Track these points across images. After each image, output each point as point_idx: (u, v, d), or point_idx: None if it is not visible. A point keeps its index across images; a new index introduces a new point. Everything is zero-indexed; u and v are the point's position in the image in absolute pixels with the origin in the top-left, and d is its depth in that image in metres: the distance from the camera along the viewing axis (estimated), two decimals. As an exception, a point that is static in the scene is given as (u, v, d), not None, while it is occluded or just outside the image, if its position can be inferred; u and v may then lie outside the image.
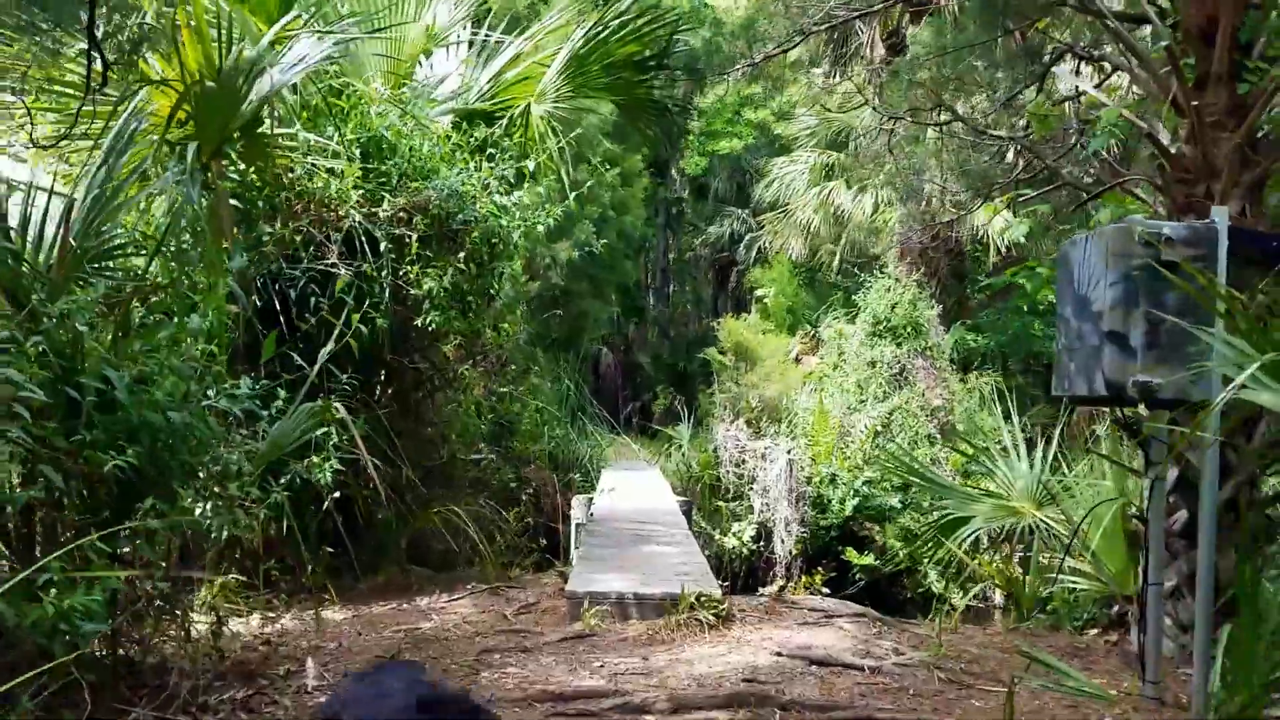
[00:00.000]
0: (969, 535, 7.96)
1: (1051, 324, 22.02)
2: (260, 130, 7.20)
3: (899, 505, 14.46)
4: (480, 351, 8.50)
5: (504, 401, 9.82)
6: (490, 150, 8.48)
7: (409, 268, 7.45)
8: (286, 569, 7.17)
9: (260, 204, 7.22)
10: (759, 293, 22.57)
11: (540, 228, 8.31)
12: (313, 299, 7.06)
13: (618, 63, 8.69)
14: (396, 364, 7.69)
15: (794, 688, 5.15)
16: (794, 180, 23.00)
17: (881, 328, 16.48)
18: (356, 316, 6.60)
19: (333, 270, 7.12)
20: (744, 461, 15.02)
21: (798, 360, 19.53)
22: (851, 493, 14.39)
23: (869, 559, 14.10)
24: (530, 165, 8.41)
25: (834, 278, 23.21)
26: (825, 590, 14.66)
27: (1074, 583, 7.61)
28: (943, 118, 8.77)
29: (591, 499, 11.76)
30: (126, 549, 4.36)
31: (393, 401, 7.97)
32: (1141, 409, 5.10)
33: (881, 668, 5.54)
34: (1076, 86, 9.14)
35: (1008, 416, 16.86)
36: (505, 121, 9.01)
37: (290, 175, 7.35)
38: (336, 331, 6.46)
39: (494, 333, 8.45)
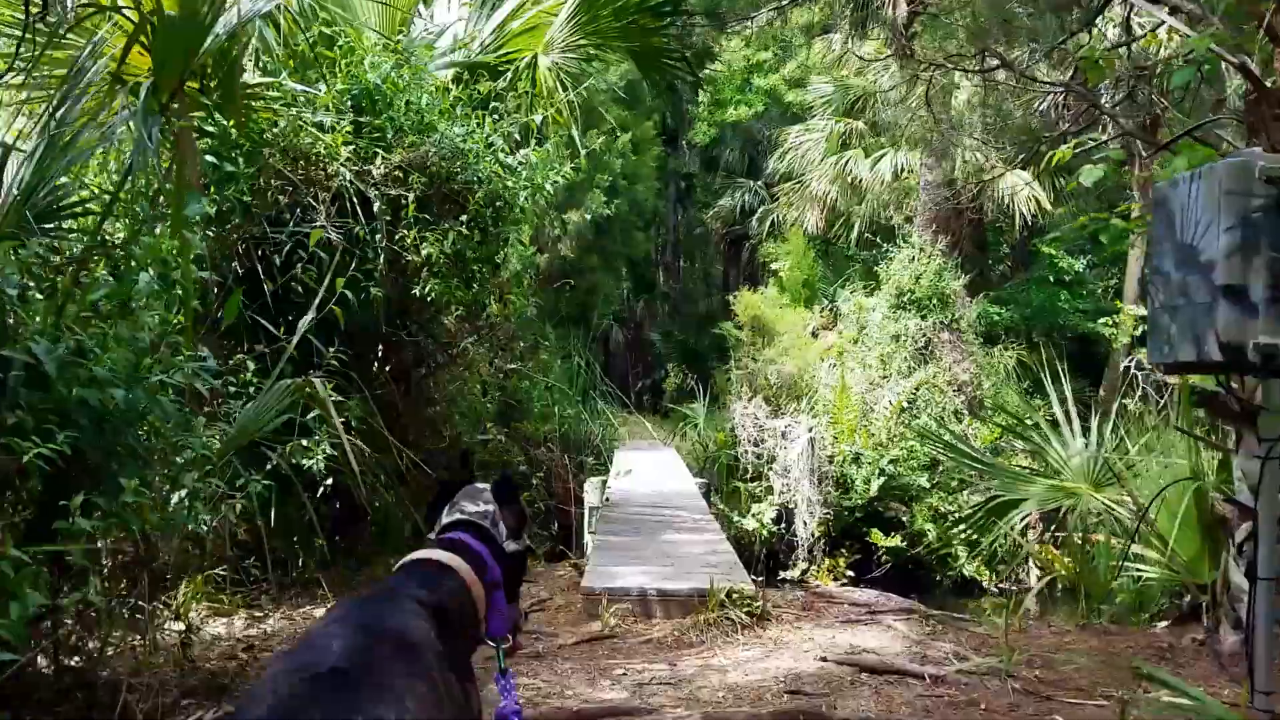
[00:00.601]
0: (1021, 519, 7.24)
1: (1078, 294, 21.31)
2: (240, 80, 6.50)
3: (927, 485, 13.75)
4: (485, 325, 7.79)
5: (512, 379, 9.11)
6: (495, 105, 7.76)
7: (405, 232, 6.75)
8: (277, 562, 6.52)
9: (241, 161, 6.50)
10: (774, 266, 21.80)
11: (549, 187, 7.58)
12: (299, 266, 6.36)
13: (630, 6, 7.94)
14: (395, 338, 6.99)
15: (847, 701, 4.47)
16: (809, 150, 22.20)
17: (905, 300, 15.72)
18: (342, 282, 5.88)
19: (321, 234, 6.41)
20: (763, 440, 14.32)
21: (815, 335, 18.80)
22: (877, 472, 13.69)
23: (896, 541, 13.42)
24: (537, 120, 7.67)
25: (851, 250, 22.46)
26: (850, 574, 14.05)
27: (1140, 571, 6.91)
28: (988, 64, 8.00)
29: (606, 481, 11.09)
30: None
31: (392, 379, 7.29)
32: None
33: (944, 676, 4.85)
34: (1129, 29, 8.40)
35: (1031, 392, 16.13)
36: (510, 75, 8.27)
37: (274, 130, 6.64)
38: (319, 298, 5.75)
39: (500, 305, 7.74)
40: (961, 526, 8.00)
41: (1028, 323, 20.84)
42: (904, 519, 13.73)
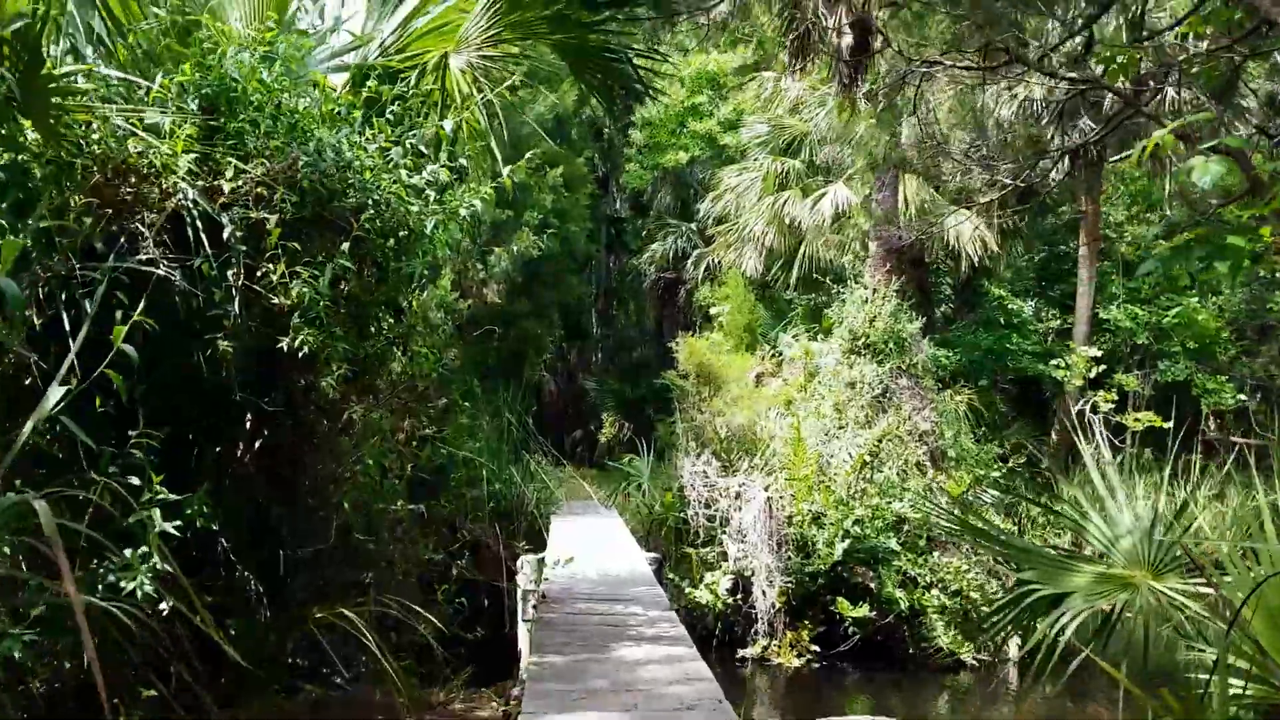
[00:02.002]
0: (1070, 622, 5.52)
1: (1027, 336, 20.02)
2: (45, 69, 4.66)
3: (895, 547, 12.10)
4: (386, 385, 5.95)
5: (425, 448, 7.26)
6: (395, 111, 5.99)
7: (269, 266, 4.91)
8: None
9: (39, 175, 4.64)
10: (713, 311, 20.20)
11: (464, 212, 5.81)
12: (120, 311, 4.48)
13: (563, -7, 6.26)
14: (256, 406, 5.13)
15: None
16: (746, 190, 20.75)
17: (860, 344, 14.17)
18: (121, 331, 4.06)
19: (148, 270, 4.57)
20: (714, 501, 12.58)
21: (759, 382, 17.18)
22: (840, 534, 11.99)
23: (863, 610, 11.72)
24: (448, 127, 5.91)
25: (791, 293, 20.98)
26: (814, 648, 12.30)
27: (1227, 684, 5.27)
28: (984, 62, 6.45)
29: (542, 560, 9.24)
30: None
31: (260, 461, 5.40)
32: None
33: None
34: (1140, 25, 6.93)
35: (985, 439, 14.55)
36: (416, 77, 6.52)
37: (92, 135, 4.79)
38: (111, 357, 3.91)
39: (405, 358, 5.92)
40: (990, 629, 6.13)
41: (975, 366, 19.49)
42: (871, 585, 12.05)
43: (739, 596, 12.01)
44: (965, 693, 11.60)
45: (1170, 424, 17.99)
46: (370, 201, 5.57)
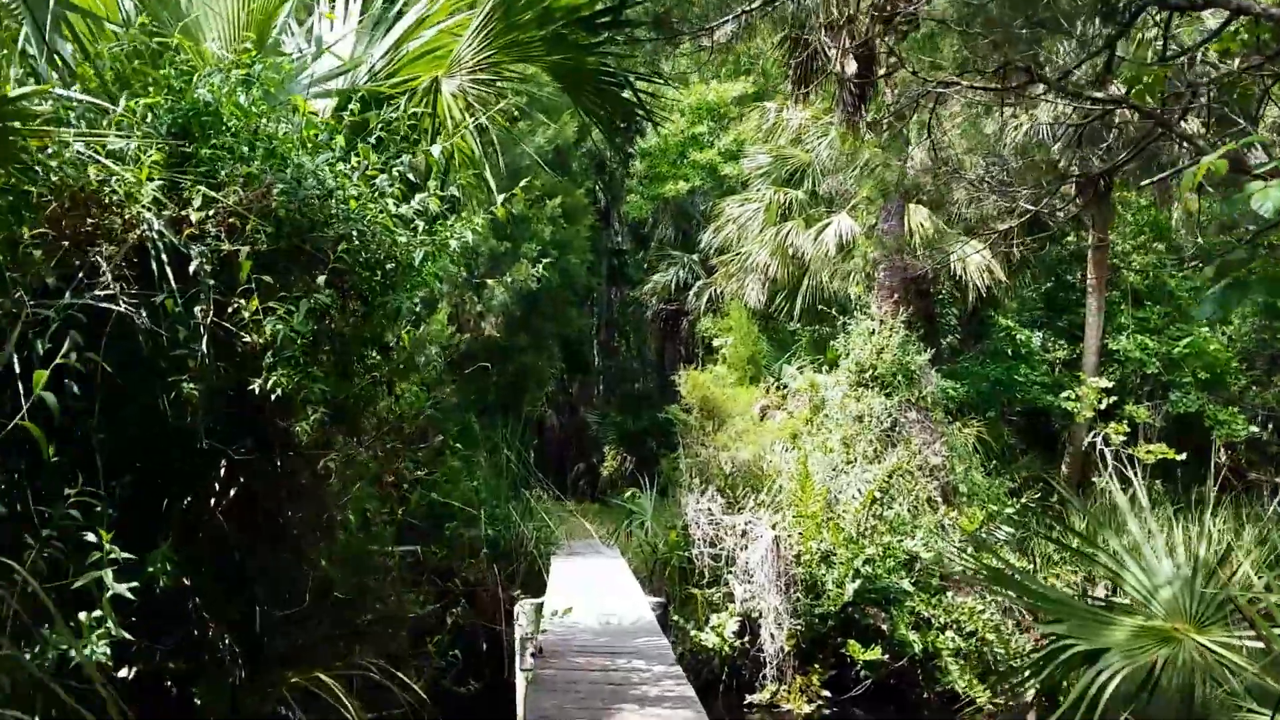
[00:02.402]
0: (1108, 681, 5.05)
1: (1035, 367, 19.60)
2: None
3: (908, 588, 11.62)
4: (371, 428, 5.53)
5: (414, 492, 6.81)
6: (383, 135, 5.61)
7: (240, 302, 4.51)
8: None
9: (-9, 204, 4.26)
10: (715, 343, 19.79)
11: (455, 243, 5.41)
12: (74, 353, 4.08)
13: (556, 10, 5.88)
14: (226, 453, 4.70)
15: None
16: (747, 221, 20.42)
17: (867, 376, 13.76)
18: (43, 377, 3.68)
19: (107, 307, 4.18)
20: (720, 539, 12.11)
21: (764, 415, 16.75)
22: (851, 574, 11.53)
23: (875, 653, 11.23)
24: (436, 151, 5.53)
25: (794, 324, 20.59)
26: (825, 694, 11.80)
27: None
28: (985, 82, 6.07)
29: (540, 606, 8.78)
30: None
31: (235, 511, 4.98)
32: None
33: None
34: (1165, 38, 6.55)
35: (994, 472, 14.07)
36: (405, 102, 6.14)
37: (51, 163, 4.41)
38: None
39: (392, 398, 5.50)
40: (1014, 683, 5.67)
41: (983, 398, 19.05)
42: (884, 626, 11.57)
43: (746, 639, 11.53)
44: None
45: (1183, 456, 17.60)
46: (354, 232, 5.19)
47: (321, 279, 4.54)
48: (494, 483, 12.12)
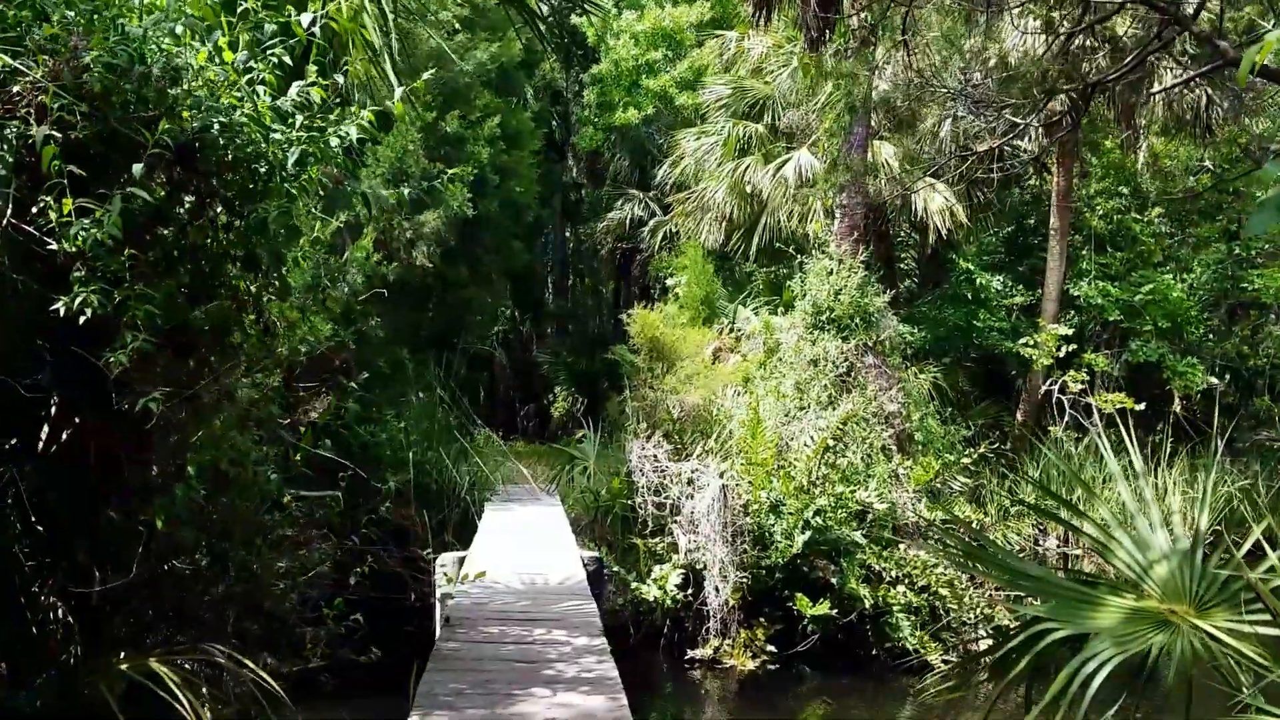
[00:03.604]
0: (1096, 672, 4.26)
1: (995, 313, 18.90)
2: None
3: (860, 540, 10.91)
4: (240, 361, 4.55)
5: (307, 433, 5.83)
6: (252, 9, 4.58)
7: (47, 200, 3.52)
8: None
9: None
10: (669, 282, 18.88)
11: (335, 141, 4.42)
12: None
13: None
14: (45, 395, 3.74)
15: None
16: (704, 155, 19.39)
17: (824, 319, 12.92)
18: None
19: None
20: (665, 488, 11.29)
21: (716, 358, 15.92)
22: (800, 525, 10.78)
23: (824, 608, 10.51)
24: (306, 22, 4.51)
25: (750, 265, 19.70)
26: (771, 649, 11.09)
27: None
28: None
29: (463, 560, 7.93)
30: None
31: (63, 466, 4.03)
32: None
33: None
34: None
35: (951, 419, 13.31)
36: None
37: None
38: None
39: (259, 329, 4.52)
40: (987, 673, 4.84)
41: (940, 343, 18.33)
42: (833, 580, 10.85)
43: (690, 592, 10.77)
44: (932, 698, 10.47)
45: (1142, 405, 17.03)
46: (215, 124, 4.20)
47: (137, 169, 3.51)
48: (425, 424, 11.20)
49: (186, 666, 3.93)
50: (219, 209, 4.52)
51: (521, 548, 8.68)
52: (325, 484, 7.08)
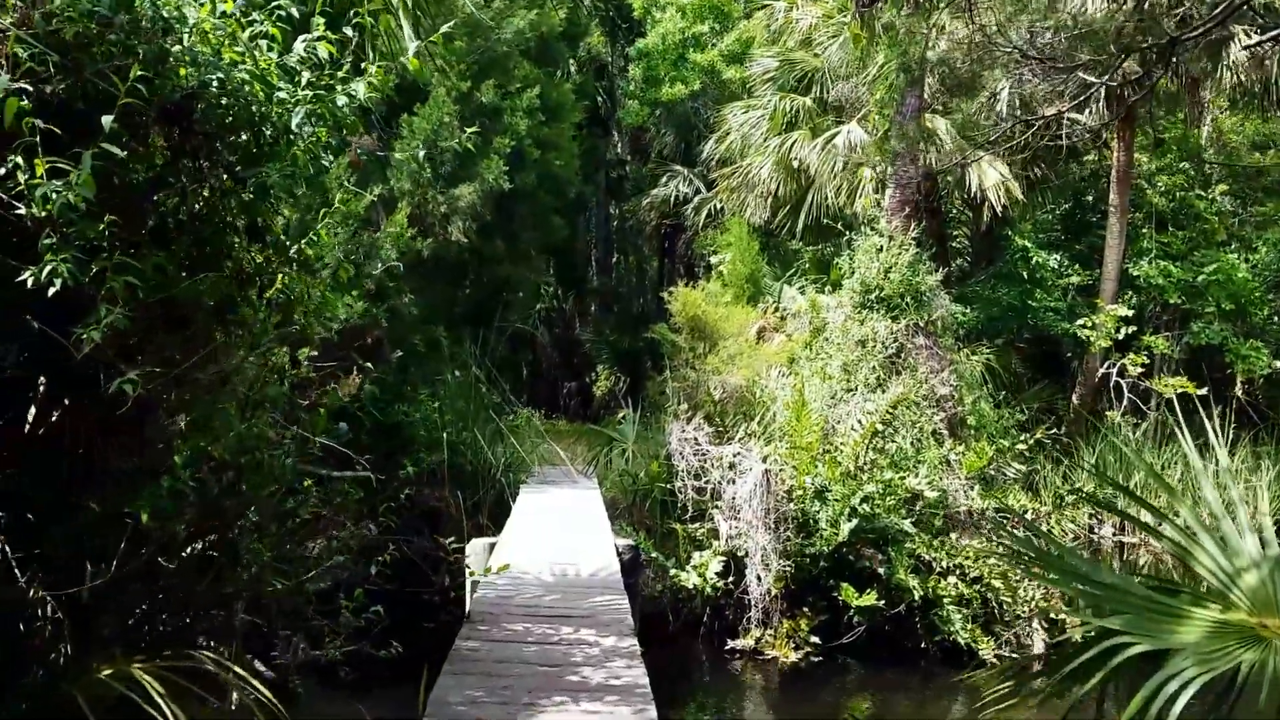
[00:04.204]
0: (1180, 693, 3.79)
1: (1051, 293, 18.19)
2: None
3: (909, 529, 10.43)
4: (239, 336, 4.19)
5: (318, 416, 5.45)
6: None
7: (15, 160, 3.18)
8: None
9: None
10: (713, 259, 18.39)
11: (342, 99, 4.04)
12: None
13: None
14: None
15: None
16: (751, 130, 18.83)
17: (873, 298, 12.39)
18: None
19: None
20: (705, 471, 10.88)
21: (760, 338, 15.43)
22: (846, 512, 10.32)
23: (870, 598, 10.07)
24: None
25: (796, 243, 19.15)
26: (814, 640, 10.68)
27: None
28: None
29: (493, 546, 7.59)
30: None
31: (48, 452, 3.71)
32: None
33: None
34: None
35: (1004, 403, 12.76)
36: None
37: None
38: None
39: (259, 302, 4.15)
40: (1056, 687, 4.37)
41: (993, 323, 17.67)
42: (880, 570, 10.39)
43: (730, 580, 10.37)
44: (982, 693, 9.99)
45: (1204, 390, 16.28)
46: (214, 82, 3.84)
47: (110, 122, 3.15)
48: (460, 403, 10.87)
49: (175, 670, 3.59)
50: (221, 174, 4.16)
51: (554, 534, 8.33)
52: (352, 467, 6.76)
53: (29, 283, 3.13)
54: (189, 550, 4.09)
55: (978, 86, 7.84)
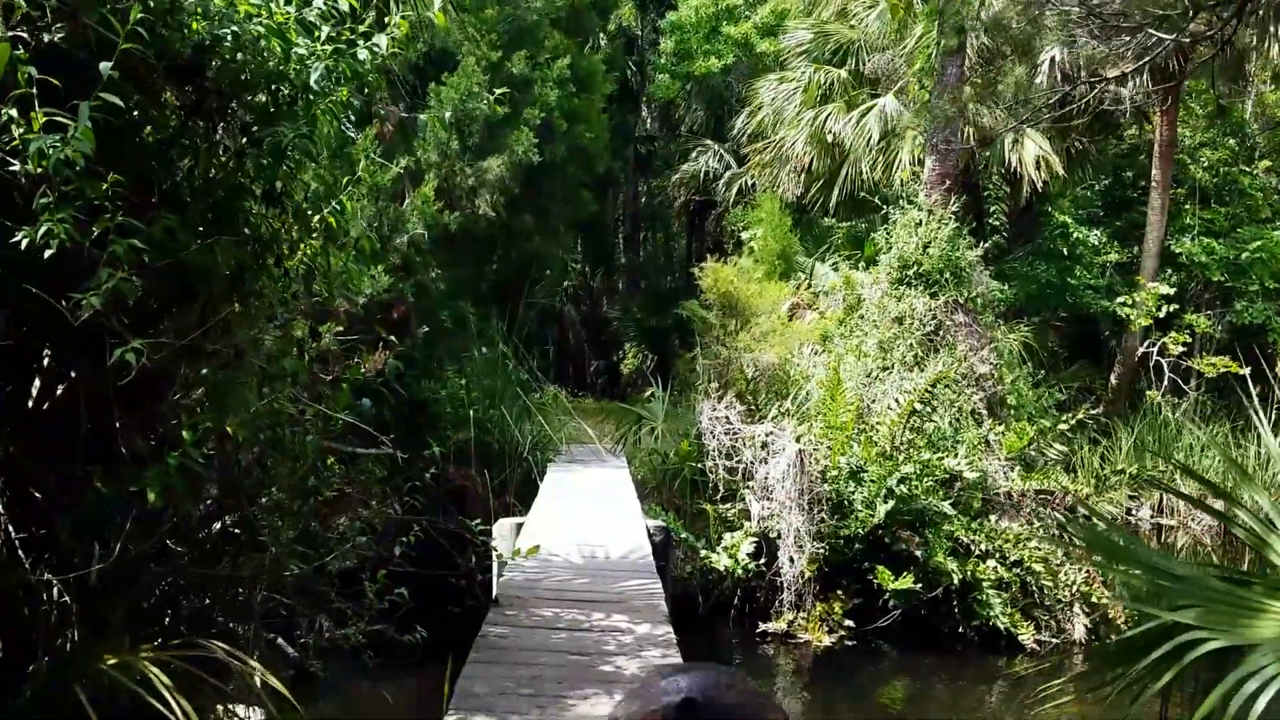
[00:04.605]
0: (1260, 692, 3.50)
1: (1091, 270, 17.75)
2: None
3: (948, 511, 10.13)
4: (254, 305, 3.96)
5: (340, 396, 5.23)
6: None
7: (9, 113, 2.95)
8: None
9: None
10: (744, 236, 18.05)
11: (365, 55, 3.79)
12: None
13: None
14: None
15: None
16: (784, 104, 18.45)
17: (911, 273, 12.04)
18: None
19: None
20: (737, 451, 10.61)
21: (793, 315, 15.11)
22: (882, 493, 10.03)
23: (907, 581, 9.78)
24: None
25: (829, 220, 18.77)
26: (849, 624, 10.43)
27: None
28: None
29: (520, 527, 7.38)
30: None
31: (45, 423, 3.51)
32: None
33: None
34: None
35: (1042, 382, 12.39)
36: None
37: None
38: None
39: (277, 271, 3.92)
40: (1115, 676, 4.07)
41: (1032, 300, 17.28)
42: (917, 553, 10.10)
43: (762, 562, 10.11)
44: (1022, 681, 9.72)
45: (1247, 370, 15.81)
46: (228, 35, 3.60)
47: (109, 69, 2.91)
48: (488, 381, 10.66)
49: (187, 658, 3.38)
50: (237, 135, 3.93)
51: (583, 514, 8.10)
52: (376, 446, 6.54)
53: (24, 245, 2.91)
54: (207, 531, 3.88)
55: (1033, 48, 7.45)
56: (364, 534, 5.45)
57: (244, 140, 3.93)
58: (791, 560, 9.96)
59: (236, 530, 4.20)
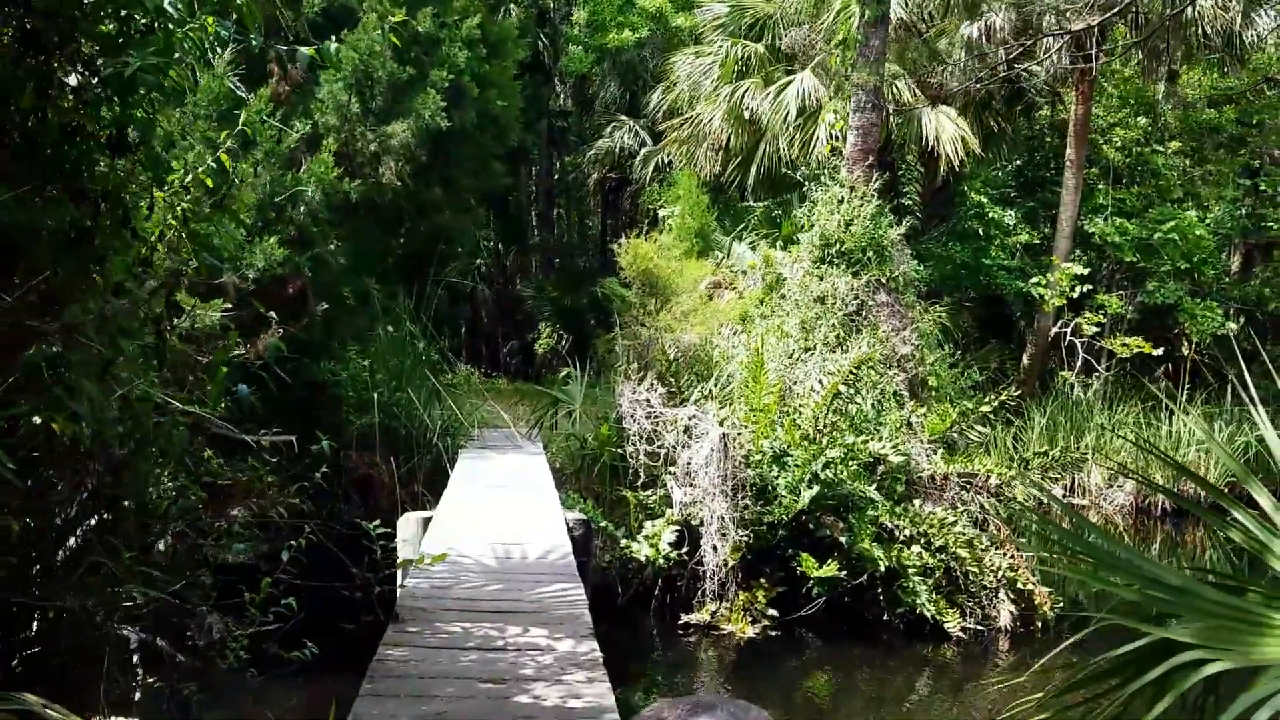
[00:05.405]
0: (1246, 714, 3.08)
1: (1006, 250, 17.64)
2: None
3: (874, 496, 9.76)
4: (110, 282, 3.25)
5: (214, 377, 4.49)
6: None
7: None
8: None
9: None
10: (663, 213, 17.51)
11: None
12: None
13: None
14: None
15: None
16: (700, 79, 17.94)
17: (833, 252, 11.63)
18: None
19: None
20: (659, 435, 10.08)
21: (712, 294, 14.64)
22: (807, 478, 9.60)
23: (831, 569, 9.38)
24: None
25: (747, 199, 18.34)
26: (772, 613, 10.00)
27: None
28: None
29: (427, 521, 6.74)
30: None
31: None
32: None
33: None
34: None
35: (956, 363, 12.11)
36: None
37: None
38: None
39: (124, 232, 3.21)
40: (1094, 695, 3.57)
41: (948, 282, 17.12)
42: (841, 539, 9.70)
43: (684, 550, 9.61)
44: (947, 668, 9.43)
45: (1159, 350, 15.91)
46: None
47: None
48: (394, 361, 9.92)
49: None
50: (80, 70, 3.21)
51: (497, 507, 7.48)
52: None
53: None
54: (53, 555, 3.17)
55: (950, 16, 7.07)
56: (243, 540, 4.76)
57: (87, 75, 3.22)
58: (715, 548, 9.48)
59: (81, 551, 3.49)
